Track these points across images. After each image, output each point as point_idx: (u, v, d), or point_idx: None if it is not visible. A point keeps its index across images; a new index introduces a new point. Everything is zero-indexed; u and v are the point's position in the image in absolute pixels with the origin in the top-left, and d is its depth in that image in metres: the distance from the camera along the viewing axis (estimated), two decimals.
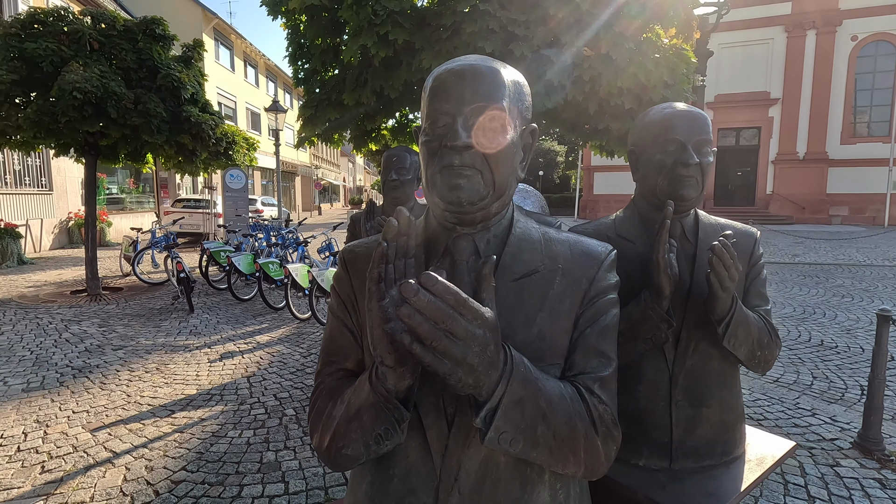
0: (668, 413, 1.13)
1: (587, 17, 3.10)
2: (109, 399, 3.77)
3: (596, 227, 1.24)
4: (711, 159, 1.13)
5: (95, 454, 2.97)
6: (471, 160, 0.69)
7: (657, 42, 3.26)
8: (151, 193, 18.13)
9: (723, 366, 1.16)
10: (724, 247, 0.97)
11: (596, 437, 0.68)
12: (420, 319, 0.51)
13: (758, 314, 1.16)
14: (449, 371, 0.55)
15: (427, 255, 0.78)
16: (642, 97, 3.39)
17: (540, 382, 0.65)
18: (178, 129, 7.39)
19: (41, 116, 6.22)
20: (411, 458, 0.72)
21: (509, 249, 0.76)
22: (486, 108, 0.69)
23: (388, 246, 0.61)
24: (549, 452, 0.65)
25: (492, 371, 0.59)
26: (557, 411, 0.65)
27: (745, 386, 4.06)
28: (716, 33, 22.12)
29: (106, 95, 6.32)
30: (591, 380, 0.72)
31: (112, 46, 6.89)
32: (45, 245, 12.40)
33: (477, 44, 3.02)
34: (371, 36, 3.06)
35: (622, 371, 1.13)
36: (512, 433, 0.61)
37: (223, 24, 22.16)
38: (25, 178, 11.88)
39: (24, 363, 4.54)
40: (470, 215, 0.72)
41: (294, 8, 3.45)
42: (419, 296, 0.50)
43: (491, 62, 0.74)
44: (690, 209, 1.17)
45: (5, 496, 2.57)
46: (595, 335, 0.74)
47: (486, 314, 0.57)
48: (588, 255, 0.77)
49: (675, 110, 1.14)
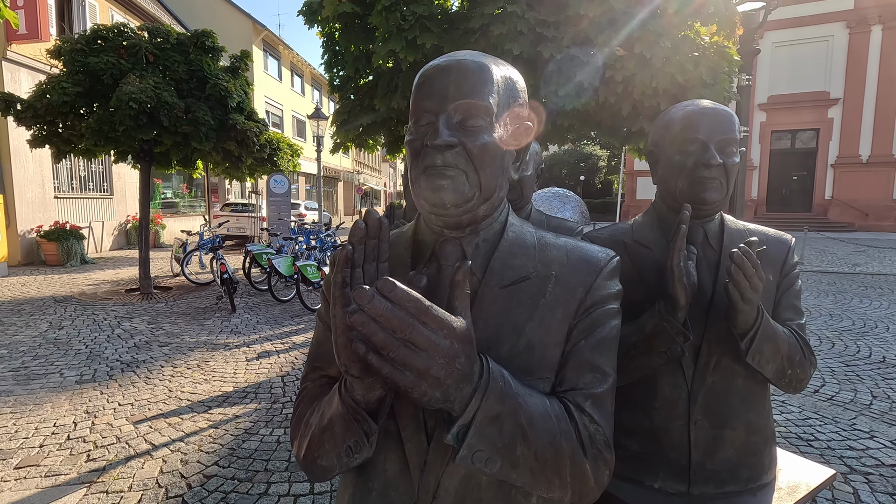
0: (687, 433, 1.05)
1: (621, 17, 3.00)
2: (152, 393, 3.95)
3: (612, 232, 1.18)
4: (737, 160, 1.05)
5: (136, 446, 3.11)
6: (454, 160, 0.65)
7: (696, 40, 3.11)
8: (203, 198, 18.99)
9: (749, 384, 1.07)
10: (745, 254, 0.89)
11: (584, 459, 0.62)
12: (375, 328, 0.48)
13: (789, 329, 1.06)
14: (411, 384, 0.51)
15: (416, 260, 0.75)
16: (679, 98, 3.24)
17: (521, 398, 0.59)
18: (225, 136, 7.72)
19: (101, 125, 6.64)
20: (389, 472, 0.69)
21: (499, 254, 0.71)
22: (471, 105, 0.65)
23: (354, 249, 0.59)
24: (532, 474, 0.60)
25: (464, 385, 0.55)
26: (540, 430, 0.59)
27: (794, 403, 3.81)
28: (770, 31, 21.24)
29: (159, 105, 6.68)
30: (583, 397, 0.66)
31: (166, 59, 7.28)
32: (106, 246, 13.20)
33: (504, 46, 2.99)
34: (399, 41, 3.08)
35: (636, 386, 1.07)
36: (488, 452, 0.57)
37: (272, 36, 23.01)
38: (89, 183, 12.71)
39: (79, 356, 4.83)
40: (455, 218, 0.69)
41: (328, 16, 3.53)
42: (374, 302, 0.47)
43: (481, 57, 0.70)
44: (714, 213, 1.09)
45: (53, 482, 2.72)
46: (589, 348, 0.68)
47: (455, 324, 0.53)
48: (586, 261, 0.71)
49: (697, 108, 1.07)
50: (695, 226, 1.09)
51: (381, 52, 3.23)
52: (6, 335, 5.49)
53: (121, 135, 6.78)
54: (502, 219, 0.74)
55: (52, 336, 5.49)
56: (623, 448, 1.08)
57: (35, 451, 3.04)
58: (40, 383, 4.13)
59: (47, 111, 6.78)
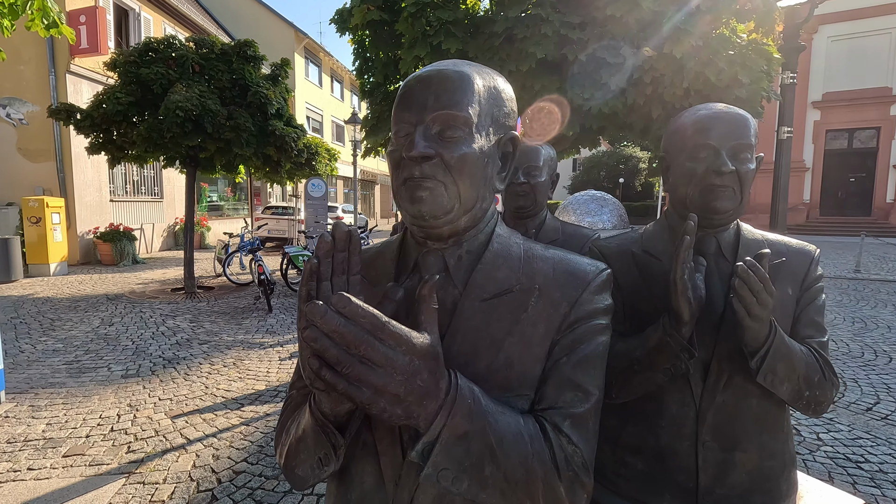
0: (694, 454, 0.99)
1: (649, 16, 2.90)
2: (190, 389, 4.12)
3: (620, 241, 1.13)
4: (752, 166, 0.98)
5: (172, 440, 3.25)
6: (431, 171, 0.64)
7: (732, 38, 2.97)
8: (247, 201, 19.70)
9: (764, 404, 1.00)
10: (751, 267, 0.84)
11: (558, 482, 0.60)
12: (327, 344, 0.48)
13: (808, 347, 0.99)
14: (368, 400, 0.50)
15: (400, 271, 0.74)
16: (713, 99, 3.10)
17: (491, 416, 0.58)
18: (265, 141, 7.98)
19: (151, 133, 7.00)
20: (366, 485, 0.68)
21: (482, 267, 0.69)
22: (449, 115, 0.64)
23: (320, 262, 0.59)
24: (502, 495, 0.58)
25: (428, 402, 0.54)
26: (510, 450, 0.57)
27: (843, 421, 3.59)
28: (826, 25, 20.12)
29: (203, 112, 6.98)
30: (562, 416, 0.63)
31: (211, 68, 7.61)
32: (156, 247, 13.89)
33: (529, 49, 2.94)
34: (425, 47, 3.10)
35: (643, 402, 1.02)
36: (454, 471, 0.55)
37: (313, 44, 23.64)
38: (141, 187, 13.41)
39: (125, 352, 5.09)
40: (436, 230, 0.68)
41: (357, 24, 3.60)
42: (327, 318, 0.47)
43: (464, 67, 0.69)
44: (728, 223, 1.02)
45: (96, 471, 2.88)
46: (571, 365, 0.65)
47: (415, 340, 0.52)
48: (572, 275, 0.69)
49: (709, 112, 1.02)
50: (707, 236, 1.03)
51: (407, 57, 3.26)
52: (63, 330, 5.86)
53: (168, 141, 7.13)
54: (488, 230, 0.73)
55: (103, 332, 5.82)
56: (628, 467, 1.04)
57: (81, 441, 3.23)
58: (90, 376, 4.38)
59: (103, 120, 7.21)
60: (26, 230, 9.47)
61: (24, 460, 2.98)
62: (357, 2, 3.65)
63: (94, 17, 10.38)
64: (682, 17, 2.82)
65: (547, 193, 1.55)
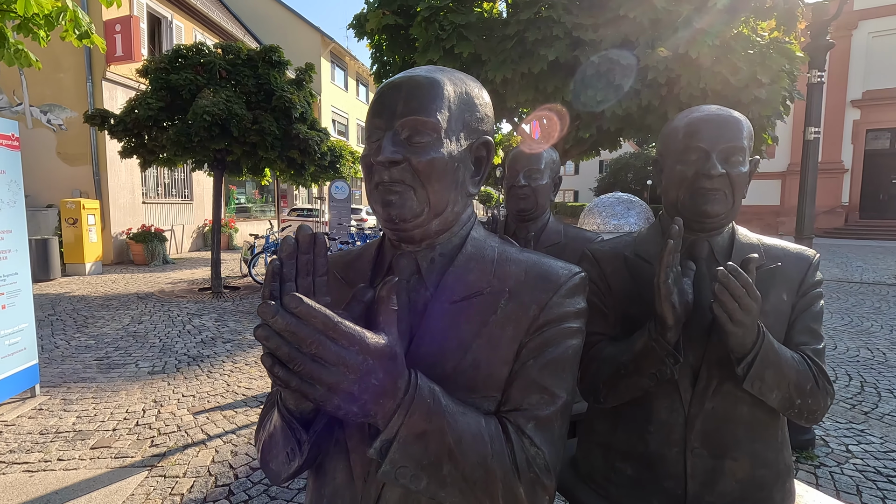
0: (683, 461, 0.97)
1: (664, 16, 2.84)
2: (212, 387, 4.23)
3: (614, 244, 1.11)
4: (744, 169, 0.97)
5: (193, 435, 3.35)
6: (400, 176, 0.66)
7: (751, 37, 2.88)
8: (273, 203, 20.11)
9: (755, 412, 0.97)
10: (733, 272, 0.82)
11: (517, 483, 0.60)
12: (279, 342, 0.49)
13: (802, 355, 0.96)
14: (322, 397, 0.52)
15: (377, 273, 0.76)
16: (730, 98, 3.01)
17: (450, 416, 0.58)
18: (289, 145, 8.14)
19: (179, 137, 7.22)
20: (338, 481, 0.70)
21: (454, 269, 0.70)
22: (417, 121, 0.65)
23: (283, 264, 0.60)
24: (461, 494, 0.59)
25: (385, 400, 0.55)
26: (469, 450, 0.58)
27: (875, 433, 3.44)
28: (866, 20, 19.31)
29: (230, 117, 7.16)
30: (525, 418, 0.64)
31: (237, 74, 7.81)
32: (185, 247, 14.31)
33: (540, 51, 2.92)
34: (437, 51, 3.11)
35: (632, 407, 1.00)
36: (412, 469, 0.56)
37: (339, 48, 23.99)
38: (172, 189, 13.84)
39: (153, 349, 5.26)
40: (407, 233, 0.69)
41: (372, 29, 3.64)
42: (278, 317, 0.48)
43: (437, 73, 0.70)
44: (720, 227, 1.01)
45: (121, 463, 2.99)
46: (538, 368, 0.65)
47: (368, 339, 0.53)
48: (544, 278, 0.69)
49: (701, 114, 1.00)
50: (699, 240, 1.02)
51: (421, 61, 3.27)
52: (95, 327, 6.09)
53: (196, 145, 7.34)
54: (463, 233, 0.74)
55: (133, 329, 6.02)
56: (618, 472, 1.03)
57: (108, 434, 3.35)
58: (119, 372, 4.54)
59: (134, 125, 7.47)
60: (64, 231, 9.89)
61: (54, 451, 3.11)
62: (373, 7, 3.70)
63: (128, 26, 10.78)
64: (698, 16, 2.75)
65: (549, 196, 1.55)
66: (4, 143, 3.65)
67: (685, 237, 1.02)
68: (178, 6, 13.49)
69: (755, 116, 2.98)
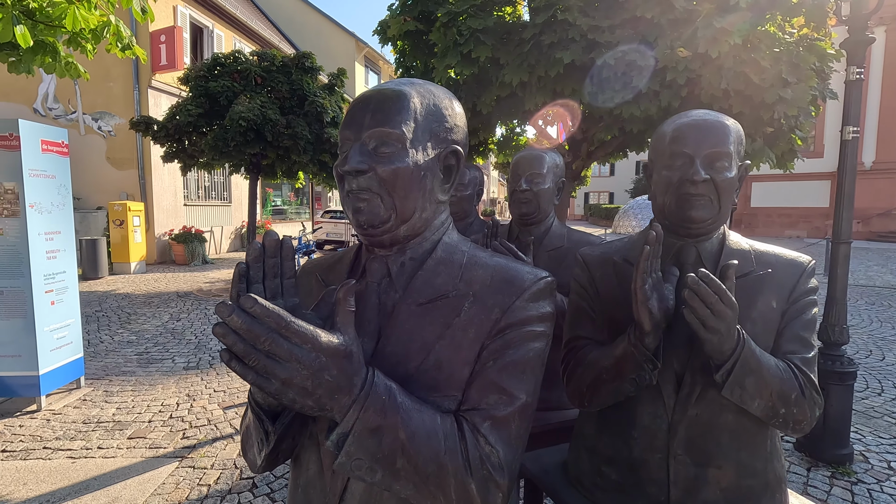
0: (666, 467, 0.97)
1: (682, 15, 2.77)
2: (242, 383, 4.38)
3: (604, 249, 1.12)
4: (730, 174, 0.95)
5: (222, 429, 3.48)
6: (367, 184, 0.69)
7: (777, 35, 2.76)
8: (308, 205, 20.62)
9: (741, 420, 0.95)
10: (704, 278, 0.81)
11: (469, 479, 0.62)
12: (235, 339, 0.52)
13: (788, 363, 0.94)
14: (277, 391, 0.55)
15: (352, 276, 0.80)
16: (755, 99, 2.89)
17: (404, 413, 0.61)
18: (321, 148, 8.35)
19: (217, 142, 7.52)
20: (311, 472, 0.74)
21: (423, 273, 0.73)
22: (383, 132, 0.69)
23: (250, 266, 0.64)
24: (415, 488, 0.61)
25: (339, 396, 0.58)
26: (421, 446, 0.61)
27: None
28: None
29: (264, 122, 7.41)
30: (482, 417, 0.65)
31: (272, 80, 8.07)
32: (224, 248, 14.84)
33: (555, 54, 2.90)
34: (455, 55, 3.14)
35: (617, 412, 1.00)
36: (367, 462, 0.59)
37: (373, 52, 24.38)
38: (211, 192, 14.40)
39: (189, 346, 5.50)
40: (377, 238, 0.72)
41: (393, 35, 3.71)
42: (233, 316, 0.51)
43: (405, 86, 0.73)
44: (707, 232, 1.00)
45: (154, 453, 3.14)
46: (497, 369, 0.67)
47: (321, 338, 0.56)
48: (508, 282, 0.71)
49: (686, 120, 0.99)
50: (686, 245, 1.01)
51: (439, 66, 3.31)
52: (137, 323, 6.41)
53: (232, 149, 7.63)
54: (435, 238, 0.76)
55: (171, 326, 6.31)
56: (604, 477, 1.02)
57: (144, 425, 3.53)
58: (156, 367, 4.77)
59: (175, 130, 7.84)
60: (111, 232, 10.45)
61: (95, 439, 3.30)
62: (395, 13, 3.77)
63: (172, 37, 11.29)
64: (719, 15, 2.66)
65: (552, 200, 1.55)
66: (55, 150, 3.91)
67: (673, 243, 1.01)
68: (219, 16, 14.04)
69: (781, 117, 2.87)
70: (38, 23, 3.51)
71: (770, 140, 3.26)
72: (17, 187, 3.55)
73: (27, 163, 3.59)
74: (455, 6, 3.22)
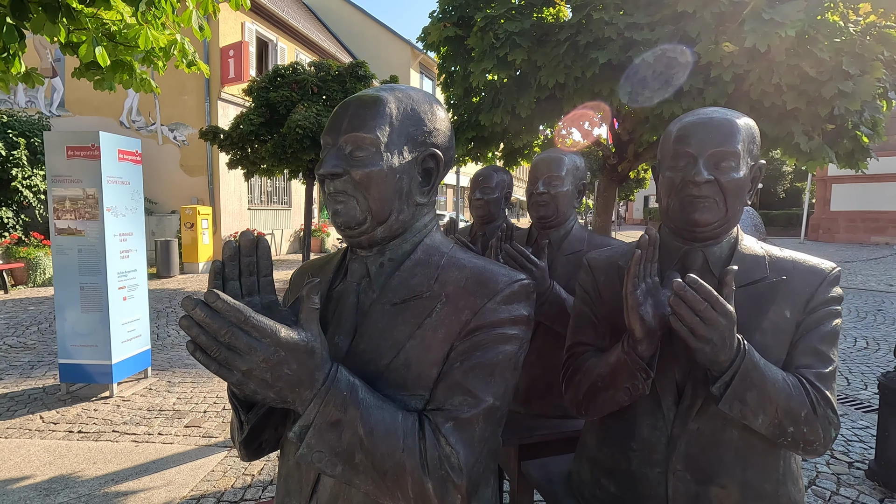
0: (665, 483, 0.91)
1: (727, 8, 2.59)
2: None
3: (611, 253, 1.07)
4: (737, 175, 0.89)
5: None
6: (342, 187, 0.72)
7: (836, 24, 2.52)
8: None
9: (748, 438, 0.88)
10: (691, 283, 0.76)
11: (426, 478, 0.62)
12: (198, 331, 0.55)
13: (801, 378, 0.86)
14: (238, 382, 0.58)
15: (338, 276, 0.82)
16: (811, 94, 2.64)
17: (364, 409, 0.62)
18: None
19: (276, 149, 7.91)
20: (290, 462, 0.77)
21: (400, 274, 0.74)
22: (357, 137, 0.71)
23: (225, 264, 0.68)
24: (374, 483, 0.63)
25: (301, 389, 0.60)
26: (379, 443, 0.62)
27: None
28: None
29: (319, 129, 7.72)
30: (444, 418, 0.65)
31: (327, 89, 8.40)
32: (283, 250, 15.57)
33: (591, 55, 2.81)
34: (491, 59, 3.13)
35: (616, 423, 0.96)
36: (327, 455, 0.61)
37: (427, 59, 24.75)
38: (273, 197, 15.15)
39: None
40: (355, 239, 0.74)
41: (433, 41, 3.76)
42: (196, 309, 0.54)
43: (383, 91, 0.75)
44: (714, 237, 0.93)
45: (207, 442, 3.35)
46: (464, 371, 0.67)
47: (281, 333, 0.58)
48: (482, 284, 0.71)
49: (693, 118, 0.94)
50: (693, 250, 0.95)
51: (476, 70, 3.31)
52: None
53: (290, 156, 8.00)
54: (416, 240, 0.77)
55: None
56: (602, 488, 0.98)
57: (200, 415, 3.77)
58: None
59: (239, 139, 8.32)
60: (182, 234, 11.25)
61: (156, 426, 3.57)
62: (435, 20, 3.82)
63: (239, 51, 12.01)
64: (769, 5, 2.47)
65: (572, 203, 1.51)
66: (130, 159, 4.27)
67: (678, 247, 0.96)
68: (282, 30, 14.79)
69: (842, 112, 2.62)
70: (117, 44, 3.86)
71: (831, 138, 2.99)
72: (97, 193, 3.92)
73: (105, 170, 3.94)
74: (493, 10, 3.22)
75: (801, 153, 2.98)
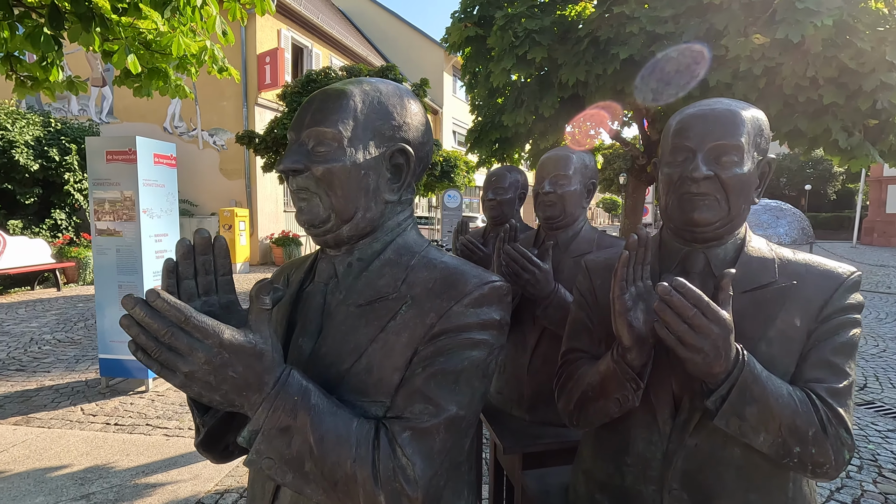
0: (660, 500, 0.85)
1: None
2: None
3: (609, 255, 1.01)
4: (741, 170, 0.81)
5: None
6: (305, 184, 0.69)
7: (880, 11, 2.33)
8: None
9: (751, 456, 0.80)
10: (679, 287, 0.69)
11: (377, 490, 0.59)
12: (137, 330, 0.53)
13: (810, 393, 0.78)
14: (181, 383, 0.55)
15: (309, 276, 0.80)
16: (850, 87, 2.45)
17: (315, 415, 0.59)
18: None
19: None
20: None
21: (368, 274, 0.71)
22: (318, 132, 0.68)
23: (179, 263, 0.66)
24: (324, 493, 0.59)
25: (249, 393, 0.58)
26: (329, 451, 0.58)
27: None
28: None
29: None
30: (402, 427, 0.61)
31: None
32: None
33: (612, 50, 2.71)
34: (511, 58, 3.07)
35: (610, 435, 0.91)
36: (277, 462, 0.58)
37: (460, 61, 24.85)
38: None
39: None
40: (321, 238, 0.72)
41: (454, 42, 3.74)
42: (136, 308, 0.52)
43: (350, 85, 0.72)
44: (716, 237, 0.86)
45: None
46: (425, 377, 0.63)
47: (224, 334, 0.55)
48: (450, 286, 0.66)
49: (693, 110, 0.87)
50: (694, 251, 0.88)
51: (496, 70, 3.26)
52: None
53: None
54: (387, 239, 0.74)
55: None
56: (596, 503, 0.93)
57: None
58: None
59: (273, 143, 8.56)
60: (221, 235, 11.65)
61: (187, 421, 3.69)
62: (457, 21, 3.80)
63: (275, 58, 12.35)
64: None
65: (580, 203, 1.46)
66: (165, 163, 4.44)
67: (679, 248, 0.90)
68: (317, 36, 15.12)
69: (885, 106, 2.42)
70: (153, 52, 4.02)
71: (874, 134, 2.77)
72: (134, 195, 4.09)
73: (142, 173, 4.11)
74: (514, 8, 3.17)
75: (842, 151, 2.78)
